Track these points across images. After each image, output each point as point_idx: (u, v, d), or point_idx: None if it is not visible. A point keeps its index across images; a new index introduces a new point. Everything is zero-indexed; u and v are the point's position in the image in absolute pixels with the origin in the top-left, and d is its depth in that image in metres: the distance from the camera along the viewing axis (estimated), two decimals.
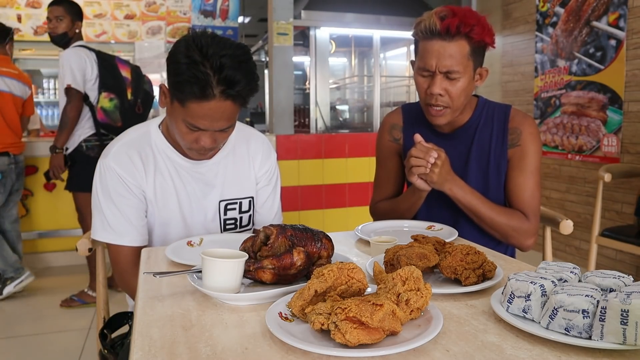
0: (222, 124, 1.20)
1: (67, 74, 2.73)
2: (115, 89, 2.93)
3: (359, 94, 5.88)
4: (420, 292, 0.74)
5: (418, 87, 1.44)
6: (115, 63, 3.00)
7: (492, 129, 1.48)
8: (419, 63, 1.41)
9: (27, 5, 5.03)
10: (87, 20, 5.21)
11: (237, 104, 1.18)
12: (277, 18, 3.76)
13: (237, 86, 1.13)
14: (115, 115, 2.94)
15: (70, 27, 2.87)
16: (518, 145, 1.45)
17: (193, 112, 1.15)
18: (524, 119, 1.48)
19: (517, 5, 3.98)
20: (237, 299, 0.87)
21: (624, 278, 0.78)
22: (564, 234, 1.49)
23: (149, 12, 5.29)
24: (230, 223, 1.45)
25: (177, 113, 1.20)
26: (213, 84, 1.11)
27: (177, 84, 1.14)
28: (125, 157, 1.32)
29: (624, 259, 3.15)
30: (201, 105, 1.13)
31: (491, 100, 1.54)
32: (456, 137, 1.50)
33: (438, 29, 1.32)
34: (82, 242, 1.37)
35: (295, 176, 3.88)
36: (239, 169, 1.45)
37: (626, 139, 3.09)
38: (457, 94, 1.38)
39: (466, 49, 1.35)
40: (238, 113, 1.24)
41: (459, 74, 1.36)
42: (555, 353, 0.68)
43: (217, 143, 1.26)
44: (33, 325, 2.74)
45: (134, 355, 0.69)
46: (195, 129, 1.19)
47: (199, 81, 1.10)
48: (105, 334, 1.29)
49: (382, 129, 1.66)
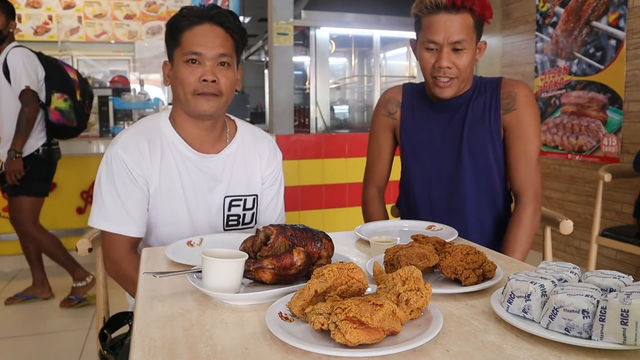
0: (218, 49, 1.29)
1: (24, 75, 2.69)
2: (66, 89, 2.92)
3: (359, 94, 5.87)
4: (420, 292, 0.74)
5: (424, 62, 1.45)
6: (60, 65, 2.99)
7: (485, 97, 1.51)
8: (424, 37, 1.42)
9: (27, 5, 5.03)
10: (87, 20, 5.22)
11: (228, 34, 1.32)
12: (277, 18, 3.76)
13: (222, 14, 1.31)
14: (71, 115, 2.95)
15: (5, 25, 2.79)
16: (514, 110, 1.47)
17: (188, 41, 1.28)
18: (517, 83, 1.51)
19: (517, 5, 3.98)
20: (237, 299, 0.87)
21: (624, 278, 0.78)
22: (564, 234, 1.49)
23: (149, 12, 5.30)
24: (233, 219, 1.45)
25: (177, 62, 1.31)
26: (204, 11, 1.30)
27: (172, 28, 1.31)
28: (134, 146, 1.33)
29: (624, 259, 3.15)
30: (194, 30, 1.29)
31: (485, 77, 1.57)
32: (452, 108, 1.52)
33: (444, 3, 1.36)
34: (82, 242, 1.37)
35: (295, 176, 3.88)
36: (246, 166, 1.46)
37: (626, 139, 3.09)
38: (465, 66, 1.41)
39: (470, 21, 1.39)
40: (234, 52, 1.34)
41: (466, 45, 1.39)
42: (555, 353, 0.68)
43: (219, 82, 1.31)
44: (33, 325, 2.74)
45: (134, 355, 0.69)
46: (194, 56, 1.28)
47: (191, 11, 1.30)
48: (105, 334, 1.29)
49: (378, 103, 1.68)
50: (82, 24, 5.12)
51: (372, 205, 1.68)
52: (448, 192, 1.53)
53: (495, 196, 1.53)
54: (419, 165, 1.57)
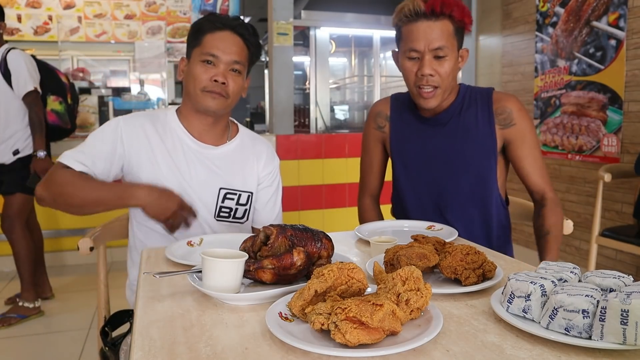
0: (233, 56, 1.39)
1: (28, 76, 2.71)
2: (59, 92, 2.96)
3: (359, 94, 5.87)
4: (420, 292, 0.74)
5: (407, 72, 1.45)
6: (52, 68, 3.01)
7: (476, 109, 1.51)
8: (406, 47, 1.43)
9: (27, 5, 5.03)
10: (87, 20, 5.22)
11: (245, 45, 1.42)
12: (277, 18, 3.76)
13: (246, 27, 1.42)
14: (66, 117, 2.99)
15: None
16: (513, 125, 1.48)
17: (208, 43, 1.38)
18: (508, 97, 1.52)
19: (517, 5, 3.98)
20: (237, 299, 0.87)
21: (624, 278, 0.78)
22: (564, 234, 1.49)
23: (149, 12, 5.30)
24: (225, 211, 1.50)
25: (194, 60, 1.40)
26: (228, 20, 1.42)
27: (196, 28, 1.42)
28: (137, 123, 1.43)
29: (624, 259, 3.15)
30: (214, 35, 1.39)
31: (473, 86, 1.57)
32: (441, 120, 1.53)
33: (423, 10, 1.37)
34: (84, 241, 1.37)
35: (295, 176, 3.89)
36: (243, 164, 1.52)
37: (626, 139, 3.09)
38: (447, 74, 1.42)
39: (450, 28, 1.40)
40: (247, 62, 1.45)
41: (447, 52, 1.39)
42: (555, 353, 0.68)
43: (228, 85, 1.39)
44: (33, 325, 2.74)
45: (134, 355, 0.69)
46: (211, 57, 1.38)
47: (216, 17, 1.42)
48: (106, 332, 1.29)
49: (369, 116, 1.70)
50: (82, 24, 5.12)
51: (368, 214, 1.71)
52: (440, 204, 1.53)
53: (487, 208, 1.53)
54: (410, 181, 1.58)
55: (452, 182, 1.51)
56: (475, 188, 1.51)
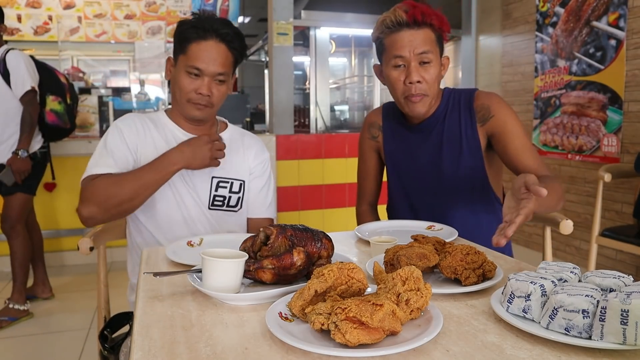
0: (217, 68, 1.41)
1: (27, 76, 2.71)
2: (58, 92, 2.97)
3: (359, 94, 5.87)
4: (420, 292, 0.74)
5: (393, 82, 1.46)
6: (51, 69, 3.02)
7: (459, 112, 1.51)
8: (390, 56, 1.45)
9: (27, 5, 5.03)
10: (87, 20, 5.22)
11: (230, 51, 1.43)
12: (277, 18, 3.76)
13: (230, 34, 1.41)
14: (65, 117, 3.00)
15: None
16: (492, 117, 1.47)
17: (193, 54, 1.39)
18: (488, 95, 1.51)
19: (517, 5, 3.98)
20: (237, 299, 0.87)
21: (624, 278, 0.78)
22: (564, 234, 1.49)
23: (149, 12, 5.30)
24: (219, 200, 1.53)
25: (179, 67, 1.42)
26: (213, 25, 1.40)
27: (181, 35, 1.42)
28: (132, 121, 1.49)
29: (624, 259, 3.15)
30: (200, 45, 1.39)
31: (457, 88, 1.57)
32: (427, 128, 1.53)
33: (405, 20, 1.40)
34: (84, 240, 1.37)
35: (295, 176, 3.88)
36: (234, 156, 1.56)
37: (626, 139, 3.09)
38: (432, 80, 1.44)
39: (432, 36, 1.43)
40: (232, 69, 1.46)
41: (432, 57, 1.41)
42: (555, 353, 0.68)
43: (213, 96, 1.43)
44: (33, 325, 2.74)
45: (134, 355, 0.69)
46: (195, 71, 1.39)
47: (201, 22, 1.41)
48: (105, 335, 1.29)
49: (363, 125, 1.72)
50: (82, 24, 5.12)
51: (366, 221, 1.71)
52: (434, 211, 1.54)
53: (482, 209, 1.53)
54: (403, 189, 1.61)
55: (443, 189, 1.52)
56: (467, 193, 1.51)
